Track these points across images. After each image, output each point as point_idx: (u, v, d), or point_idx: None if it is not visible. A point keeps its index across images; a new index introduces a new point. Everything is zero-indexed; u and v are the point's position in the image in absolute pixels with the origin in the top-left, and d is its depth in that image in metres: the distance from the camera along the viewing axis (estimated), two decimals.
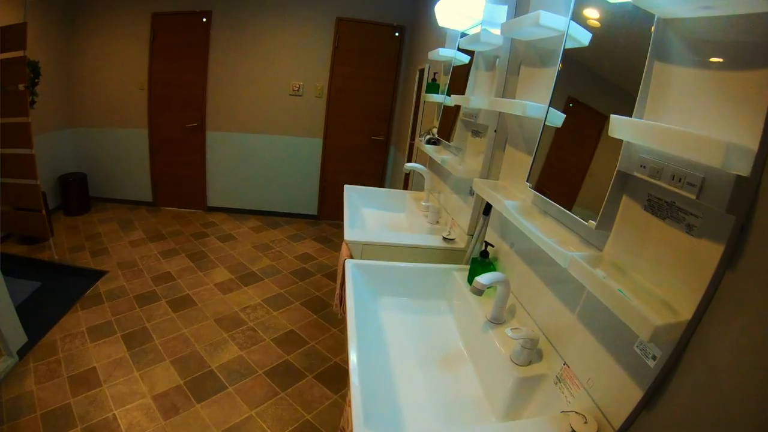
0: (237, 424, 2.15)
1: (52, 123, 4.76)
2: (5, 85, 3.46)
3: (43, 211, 3.58)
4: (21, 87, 3.40)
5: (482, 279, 1.20)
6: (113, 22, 4.73)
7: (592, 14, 1.12)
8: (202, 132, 4.95)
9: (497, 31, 1.71)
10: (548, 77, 1.31)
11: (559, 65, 1.20)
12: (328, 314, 3.11)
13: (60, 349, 2.66)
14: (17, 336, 2.60)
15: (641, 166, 0.84)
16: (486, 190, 1.45)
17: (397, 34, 4.51)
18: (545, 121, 1.23)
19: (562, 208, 1.10)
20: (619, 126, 0.82)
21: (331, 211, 5.15)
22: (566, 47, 1.18)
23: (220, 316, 3.05)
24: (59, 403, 2.25)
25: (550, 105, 1.22)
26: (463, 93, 2.16)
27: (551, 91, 1.22)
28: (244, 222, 4.98)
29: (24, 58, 3.22)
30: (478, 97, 1.71)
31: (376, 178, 4.93)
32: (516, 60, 1.63)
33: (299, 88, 4.72)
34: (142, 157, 5.12)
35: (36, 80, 4.06)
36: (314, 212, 5.18)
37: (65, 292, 3.35)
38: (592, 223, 0.96)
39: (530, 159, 1.29)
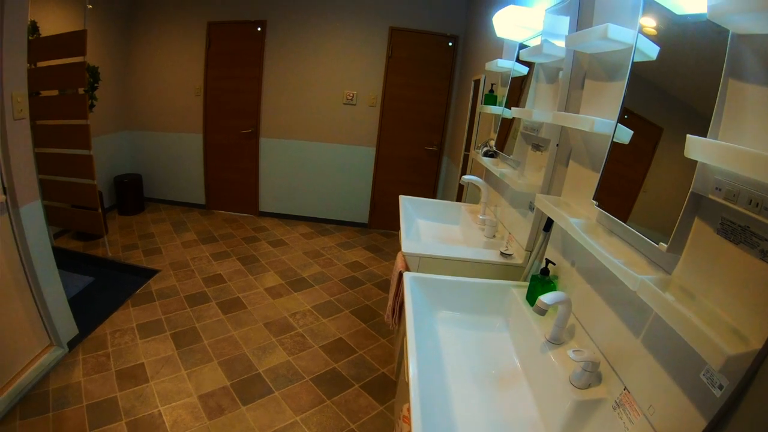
0: (281, 429, 2.15)
1: (110, 126, 5.05)
2: (66, 89, 3.66)
3: (99, 210, 3.72)
4: (81, 91, 3.51)
5: (546, 299, 1.18)
6: (170, 30, 4.98)
7: (659, 27, 1.09)
8: (256, 138, 5.09)
9: (560, 43, 1.69)
10: (615, 91, 1.28)
11: (627, 79, 1.17)
12: (377, 324, 3.10)
13: (109, 343, 2.74)
14: (68, 328, 2.68)
15: (716, 188, 0.81)
16: (550, 207, 1.42)
17: (450, 43, 4.50)
18: (613, 137, 1.19)
19: (632, 229, 1.07)
20: (695, 147, 0.79)
21: (381, 220, 5.17)
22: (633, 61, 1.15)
23: (270, 321, 3.09)
24: (105, 396, 2.31)
25: (618, 120, 1.18)
26: (520, 105, 2.13)
27: (620, 106, 1.19)
28: (294, 228, 5.06)
29: (84, 63, 3.33)
30: (540, 111, 1.68)
31: (429, 189, 4.92)
32: (579, 73, 1.59)
33: (353, 97, 4.78)
34: (197, 160, 5.34)
35: (95, 84, 4.28)
36: (365, 221, 5.21)
37: (117, 288, 3.45)
38: (663, 245, 0.93)
39: (596, 176, 1.26)
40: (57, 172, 3.64)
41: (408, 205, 2.68)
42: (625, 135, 1.16)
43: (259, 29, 4.72)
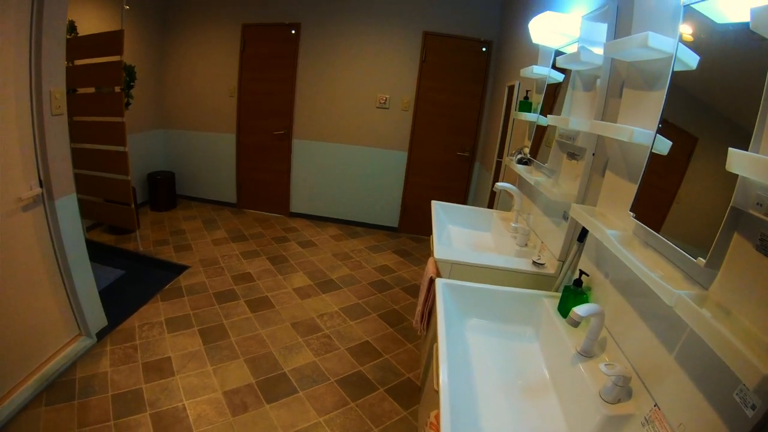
0: (304, 430, 2.15)
1: (145, 124, 5.22)
2: (103, 87, 3.76)
3: (132, 205, 3.76)
4: (117, 89, 3.55)
5: (580, 310, 1.16)
6: (205, 32, 5.12)
7: (699, 35, 1.07)
8: (289, 139, 5.16)
9: (598, 50, 1.66)
10: (654, 101, 1.26)
11: (666, 89, 1.15)
12: (404, 328, 3.10)
13: (137, 335, 2.79)
14: (98, 319, 2.74)
15: (757, 203, 0.79)
16: (586, 217, 1.40)
17: (484, 49, 4.47)
18: (651, 148, 1.17)
19: (670, 243, 1.04)
20: (738, 161, 0.77)
21: (411, 225, 5.16)
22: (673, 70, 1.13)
23: (297, 321, 3.11)
24: (131, 387, 2.34)
25: (657, 131, 1.16)
26: (556, 112, 2.11)
27: (659, 116, 1.16)
28: (324, 229, 5.10)
29: (120, 62, 3.38)
30: (578, 119, 1.65)
31: (460, 194, 4.89)
32: (617, 81, 1.57)
33: (386, 101, 4.80)
34: (229, 160, 5.46)
35: (132, 83, 4.40)
36: (395, 224, 5.22)
37: (147, 282, 3.52)
38: (701, 260, 0.91)
39: (633, 187, 1.24)
40: (92, 167, 3.73)
41: (440, 210, 2.68)
42: (663, 146, 1.14)
43: (293, 32, 4.80)
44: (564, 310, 1.49)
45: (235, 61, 5.06)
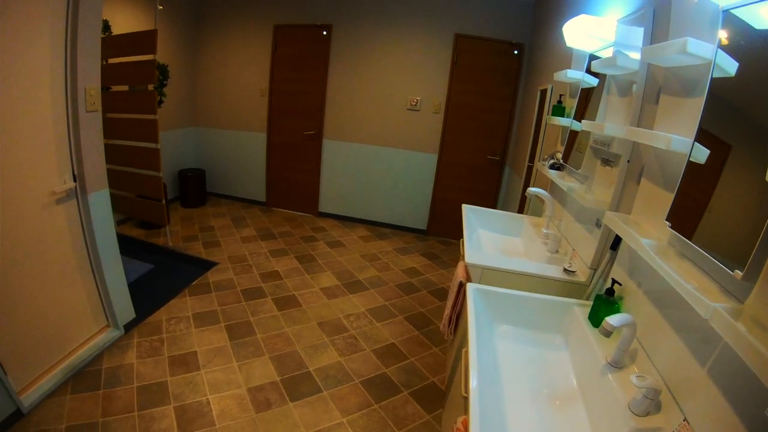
0: (326, 429, 2.15)
1: (177, 122, 5.36)
2: (136, 85, 3.84)
3: (163, 201, 3.82)
4: (150, 87, 3.63)
5: (612, 321, 1.15)
6: (237, 32, 5.23)
7: (739, 41, 1.04)
8: (319, 140, 5.21)
9: (634, 55, 1.64)
10: (692, 108, 1.23)
11: (705, 96, 1.12)
12: (430, 332, 3.09)
13: (164, 329, 2.84)
14: (126, 311, 2.80)
15: None
16: (621, 226, 1.37)
17: (516, 52, 4.42)
18: (689, 156, 1.14)
19: (707, 254, 1.02)
20: None
21: (440, 228, 5.14)
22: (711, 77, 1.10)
23: (323, 320, 3.12)
24: (156, 380, 2.38)
25: (695, 139, 1.13)
26: (589, 117, 2.08)
27: (697, 124, 1.14)
28: (352, 230, 5.13)
29: (154, 61, 3.44)
30: (613, 125, 1.62)
31: (489, 198, 4.85)
32: (653, 87, 1.54)
33: (417, 103, 4.79)
34: (259, 159, 5.56)
35: (165, 82, 4.53)
36: (423, 227, 5.21)
37: (175, 277, 3.57)
38: (738, 273, 0.89)
39: (669, 195, 1.21)
40: (125, 163, 3.81)
41: (470, 214, 2.66)
42: (701, 154, 1.11)
43: (324, 33, 4.85)
44: (595, 319, 1.47)
45: (267, 61, 5.15)
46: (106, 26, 3.63)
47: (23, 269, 2.10)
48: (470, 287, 1.63)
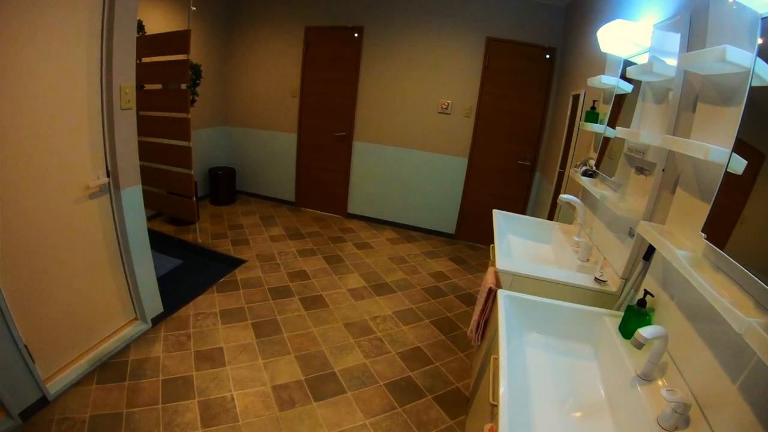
0: (349, 430, 2.16)
1: (209, 120, 5.49)
2: (169, 84, 3.92)
3: (194, 198, 3.90)
4: (183, 86, 3.69)
5: (645, 332, 1.13)
6: (269, 33, 5.33)
7: None
8: (349, 141, 5.26)
9: (671, 61, 1.61)
10: (729, 117, 1.20)
11: (744, 105, 1.10)
12: (456, 337, 3.07)
13: (191, 324, 2.89)
14: (154, 305, 2.86)
15: None
16: (655, 236, 1.35)
17: (548, 56, 4.37)
18: (727, 167, 1.12)
19: (743, 267, 1.00)
20: None
21: (468, 232, 5.12)
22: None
23: (350, 322, 3.14)
24: (182, 374, 2.42)
25: (733, 149, 1.11)
26: (622, 124, 2.04)
27: (735, 133, 1.11)
28: (381, 232, 5.15)
29: (187, 61, 3.50)
30: (649, 133, 1.59)
31: (519, 204, 4.80)
32: (690, 94, 1.50)
33: (448, 106, 4.78)
34: (289, 159, 5.65)
35: (198, 81, 4.61)
36: (451, 231, 5.19)
37: (204, 273, 3.63)
38: None
39: (705, 206, 1.19)
40: (157, 160, 3.90)
41: (501, 220, 2.65)
42: (738, 165, 1.09)
43: (356, 35, 4.89)
44: (626, 330, 1.44)
45: (298, 62, 5.23)
46: (140, 26, 3.71)
47: (56, 261, 2.17)
48: (501, 294, 1.63)
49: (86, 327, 2.44)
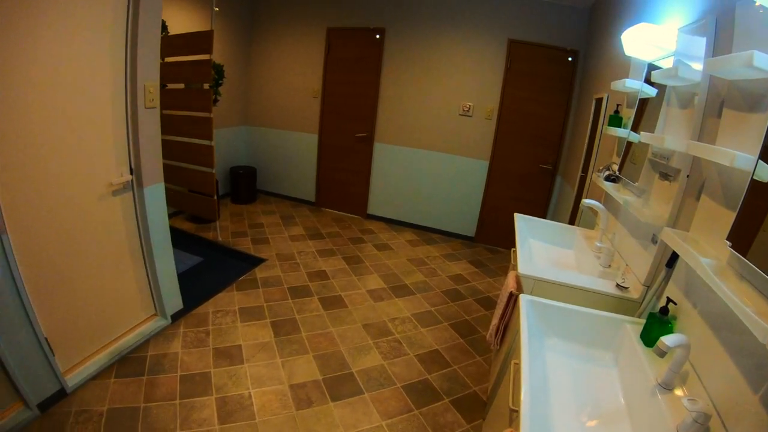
0: (365, 431, 2.16)
1: (230, 120, 5.57)
2: (193, 83, 3.95)
3: (215, 197, 3.94)
4: (206, 86, 3.73)
5: (668, 340, 1.12)
6: (291, 34, 5.39)
7: None
8: (370, 142, 5.28)
9: (697, 66, 1.58)
10: (756, 124, 1.18)
11: None
12: (474, 341, 3.06)
13: (211, 321, 2.92)
14: (174, 301, 2.89)
15: None
16: (679, 243, 1.33)
17: (570, 58, 4.32)
18: (753, 174, 1.10)
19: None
20: None
21: (488, 236, 5.09)
22: None
23: (368, 323, 3.14)
24: (200, 370, 2.44)
25: (759, 156, 1.09)
26: (645, 128, 2.02)
27: (762, 140, 1.09)
28: (400, 233, 5.15)
29: (210, 61, 3.51)
30: (674, 138, 1.57)
31: (540, 208, 4.75)
32: (715, 99, 1.48)
33: (469, 108, 4.76)
34: (310, 159, 5.69)
35: (220, 81, 4.66)
36: (471, 234, 5.17)
37: (224, 271, 3.66)
38: None
39: (730, 214, 1.17)
40: (179, 159, 3.95)
41: (522, 224, 2.64)
42: (765, 173, 1.07)
43: (377, 37, 4.91)
44: (647, 338, 1.43)
45: (320, 63, 5.27)
46: (163, 27, 3.75)
47: (78, 256, 2.22)
48: (523, 299, 1.63)
49: (106, 321, 2.48)
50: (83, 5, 1.99)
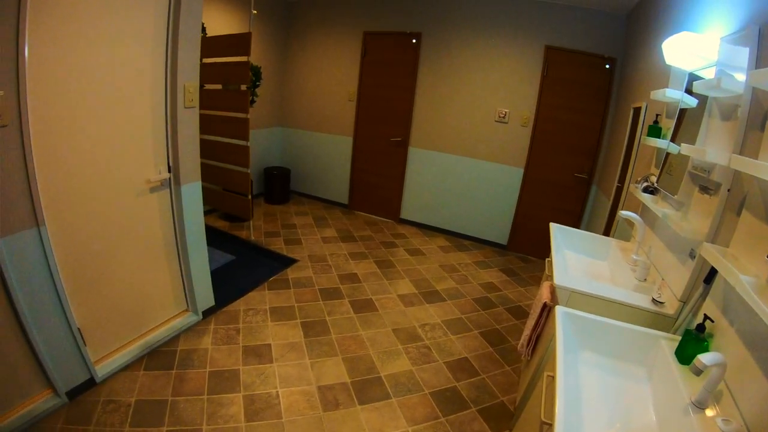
0: None
1: (266, 121, 5.71)
2: (230, 84, 4.03)
3: (249, 196, 4.00)
4: (243, 87, 3.79)
5: (705, 359, 1.11)
6: (327, 38, 5.47)
7: None
8: (405, 147, 5.30)
9: (740, 76, 1.55)
10: None
11: None
12: (504, 350, 3.03)
13: (241, 319, 2.97)
14: (206, 298, 2.95)
15: None
16: (719, 260, 1.30)
17: (607, 66, 4.23)
18: None
19: None
20: None
21: (521, 244, 5.03)
22: None
23: (398, 327, 3.15)
24: (229, 367, 2.49)
25: None
26: (684, 139, 1.98)
27: None
28: (432, 239, 5.15)
29: (248, 62, 3.58)
30: (715, 151, 1.53)
31: (573, 218, 4.67)
32: (759, 112, 1.44)
33: (505, 115, 4.72)
34: (344, 162, 5.75)
35: (257, 83, 4.76)
36: (503, 242, 5.12)
37: (256, 270, 3.72)
38: None
39: None
40: (215, 158, 4.04)
41: (558, 233, 2.61)
42: None
43: (414, 41, 4.93)
44: (682, 355, 1.40)
45: (356, 66, 5.33)
46: (201, 28, 3.89)
47: (114, 250, 2.30)
48: (559, 311, 1.62)
49: (138, 314, 2.55)
50: (127, 10, 2.08)
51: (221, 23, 4.50)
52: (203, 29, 3.96)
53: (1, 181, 1.66)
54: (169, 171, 2.52)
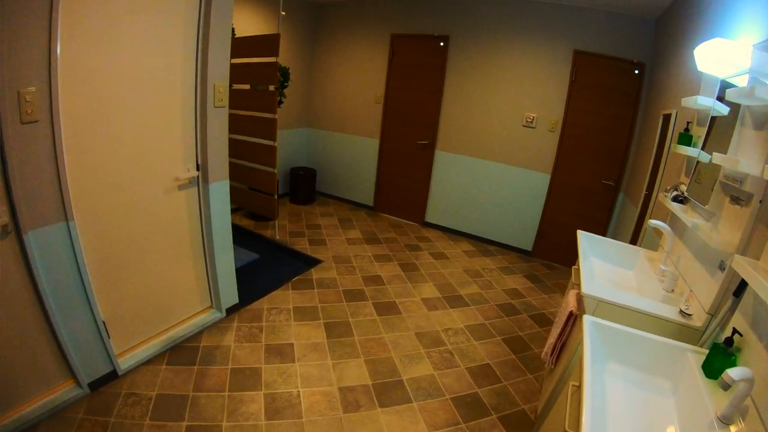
0: None
1: (294, 122, 5.80)
2: (259, 84, 4.08)
3: (275, 196, 4.04)
4: (271, 88, 3.85)
5: (733, 373, 1.09)
6: (354, 40, 5.52)
7: None
8: (432, 150, 5.30)
9: None
10: None
11: None
12: (527, 357, 3.01)
13: (264, 318, 3.01)
14: (230, 295, 2.99)
15: None
16: (750, 272, 1.28)
17: (636, 71, 4.15)
18: None
19: None
20: None
21: (545, 251, 4.97)
22: None
23: (421, 331, 3.15)
24: (251, 365, 2.51)
25: None
26: (714, 147, 1.94)
27: None
28: (457, 243, 5.13)
29: (276, 63, 3.63)
30: (748, 161, 1.50)
31: (600, 226, 4.58)
32: None
33: (533, 120, 4.68)
34: (370, 164, 5.79)
35: (285, 84, 4.82)
36: (528, 248, 5.07)
37: (280, 269, 3.76)
38: None
39: None
40: (242, 157, 4.10)
41: (585, 241, 2.58)
42: None
43: (441, 44, 4.94)
44: (709, 369, 1.38)
45: (383, 69, 5.37)
46: (231, 30, 3.97)
47: (141, 245, 2.36)
48: (587, 320, 1.61)
49: (163, 309, 2.61)
50: (159, 11, 2.13)
51: (250, 24, 4.59)
52: (232, 30, 4.06)
53: (31, 176, 1.73)
54: (198, 169, 2.57)
